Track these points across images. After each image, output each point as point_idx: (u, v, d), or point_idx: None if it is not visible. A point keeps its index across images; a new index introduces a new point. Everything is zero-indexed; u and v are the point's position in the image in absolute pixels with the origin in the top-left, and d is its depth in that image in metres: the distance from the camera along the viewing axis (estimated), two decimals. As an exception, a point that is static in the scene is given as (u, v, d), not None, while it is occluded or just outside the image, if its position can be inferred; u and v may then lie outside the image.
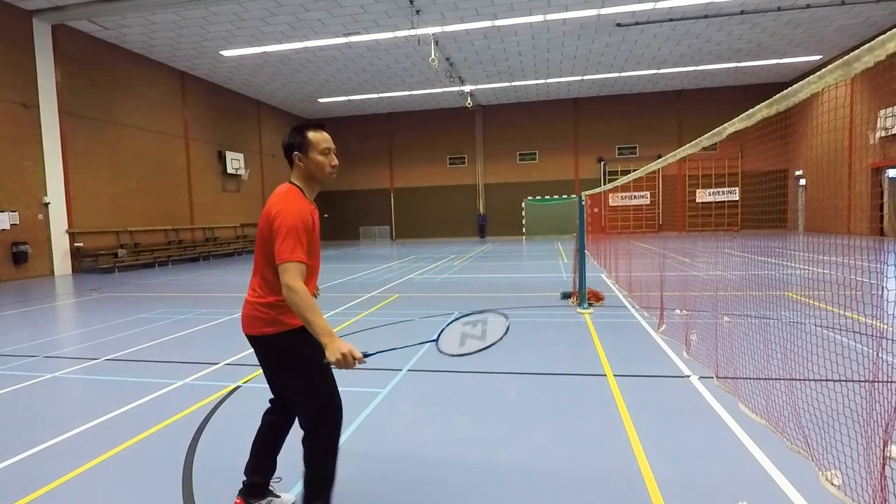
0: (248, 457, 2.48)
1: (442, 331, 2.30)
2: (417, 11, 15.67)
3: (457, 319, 2.37)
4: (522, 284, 10.63)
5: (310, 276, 2.26)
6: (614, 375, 4.45)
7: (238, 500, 2.46)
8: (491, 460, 3.01)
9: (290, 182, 2.29)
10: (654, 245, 19.26)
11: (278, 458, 2.52)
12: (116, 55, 17.57)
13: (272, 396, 2.51)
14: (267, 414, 2.52)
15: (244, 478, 2.47)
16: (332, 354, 1.93)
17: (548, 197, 29.64)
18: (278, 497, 2.53)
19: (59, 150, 15.33)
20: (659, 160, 5.06)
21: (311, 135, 2.24)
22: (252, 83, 23.21)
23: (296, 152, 2.25)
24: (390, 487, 2.75)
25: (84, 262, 15.86)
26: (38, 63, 14.75)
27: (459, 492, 2.68)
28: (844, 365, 3.30)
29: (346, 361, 1.92)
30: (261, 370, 2.42)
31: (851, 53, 1.64)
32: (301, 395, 2.27)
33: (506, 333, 2.30)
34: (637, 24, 17.49)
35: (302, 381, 2.25)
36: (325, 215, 31.63)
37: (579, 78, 24.32)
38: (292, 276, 2.02)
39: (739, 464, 2.84)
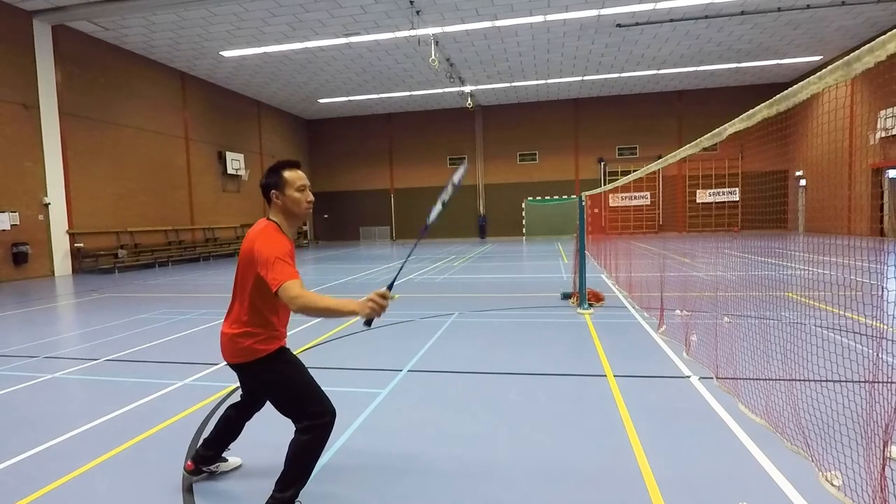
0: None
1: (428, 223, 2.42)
2: (418, 12, 15.68)
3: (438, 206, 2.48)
4: (523, 285, 10.63)
5: (284, 313, 2.44)
6: (614, 376, 4.45)
7: (189, 464, 2.75)
8: (491, 460, 3.01)
9: (268, 219, 2.42)
10: (654, 245, 19.26)
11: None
12: (117, 56, 17.58)
13: (242, 395, 2.72)
14: (232, 407, 2.75)
15: (198, 446, 2.79)
16: (363, 313, 2.03)
17: (548, 197, 29.64)
18: (226, 461, 2.87)
19: (60, 151, 15.34)
20: (659, 161, 5.06)
21: (287, 174, 2.41)
22: (252, 84, 23.23)
23: (273, 191, 2.40)
24: (391, 487, 2.74)
25: (84, 262, 15.86)
26: (38, 63, 14.76)
27: (459, 492, 2.68)
28: (844, 365, 3.30)
29: (376, 307, 2.02)
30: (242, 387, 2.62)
31: (852, 54, 1.64)
32: (294, 410, 2.39)
33: (461, 174, 2.52)
34: (637, 24, 17.50)
35: (291, 398, 2.39)
36: (325, 216, 31.67)
37: (579, 78, 24.33)
38: (293, 290, 2.09)
39: (739, 464, 2.84)
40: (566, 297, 8.42)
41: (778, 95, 2.21)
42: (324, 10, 15.46)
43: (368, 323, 2.08)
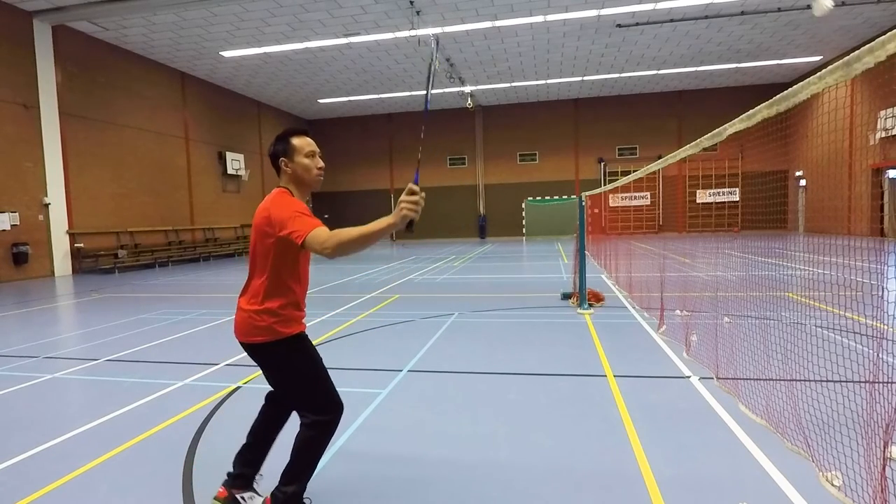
0: (246, 443, 2.54)
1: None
2: (418, 12, 15.69)
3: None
4: (523, 285, 10.63)
5: (299, 283, 2.31)
6: (614, 376, 4.45)
7: (222, 490, 2.48)
8: (491, 461, 3.01)
9: (279, 186, 2.35)
10: (654, 246, 19.25)
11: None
12: (117, 56, 17.58)
13: (271, 389, 2.55)
14: (265, 406, 2.57)
15: (231, 469, 2.51)
16: (401, 220, 1.94)
17: (548, 198, 29.64)
18: (259, 497, 2.51)
19: (60, 151, 15.34)
20: (659, 161, 5.06)
21: (295, 140, 2.34)
22: (252, 84, 23.23)
23: (282, 158, 2.32)
24: (390, 487, 2.74)
25: (84, 262, 15.86)
26: (38, 64, 14.76)
27: (459, 492, 2.68)
28: (845, 366, 3.30)
29: (411, 207, 1.94)
30: (261, 370, 2.44)
31: (852, 54, 1.64)
32: (299, 400, 2.34)
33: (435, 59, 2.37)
34: (637, 24, 17.50)
35: (298, 389, 2.32)
36: (326, 216, 31.65)
37: (579, 79, 24.33)
38: (322, 235, 1.99)
39: (740, 464, 2.84)
40: (566, 297, 8.42)
41: (778, 96, 2.21)
42: (324, 10, 15.47)
43: (410, 227, 1.96)
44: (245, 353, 2.35)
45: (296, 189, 2.34)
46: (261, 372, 2.42)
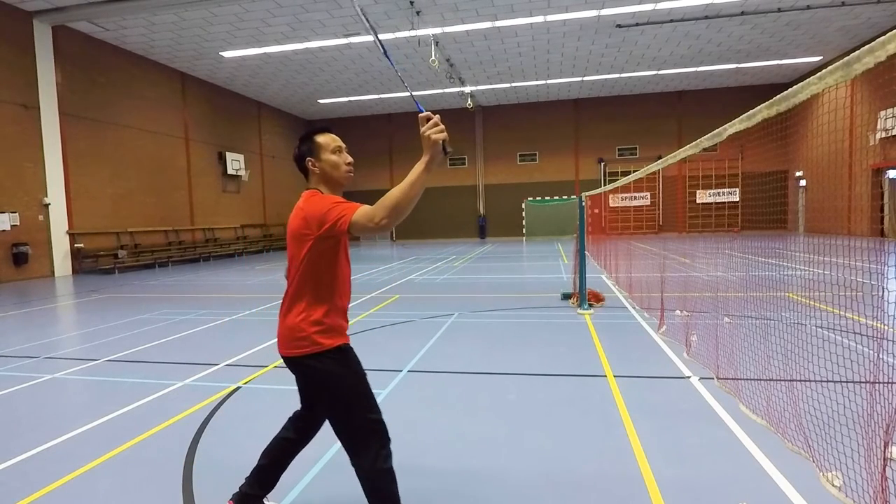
0: (253, 463, 2.42)
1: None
2: (418, 12, 15.69)
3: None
4: (523, 285, 10.62)
5: (342, 291, 2.19)
6: (614, 376, 4.45)
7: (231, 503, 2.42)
8: (491, 461, 3.01)
9: (309, 188, 2.23)
10: (654, 246, 19.25)
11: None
12: (117, 56, 17.59)
13: (299, 409, 2.42)
14: (287, 429, 2.43)
15: (243, 484, 2.41)
16: (433, 149, 1.86)
17: (548, 198, 29.64)
18: None
19: (60, 152, 15.35)
20: (659, 161, 5.06)
21: (320, 138, 2.23)
22: (252, 84, 23.23)
23: (308, 159, 2.21)
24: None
25: (84, 263, 15.86)
26: (38, 64, 14.77)
27: (459, 492, 2.67)
28: (845, 366, 3.30)
29: (436, 132, 1.85)
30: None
31: (852, 54, 1.64)
32: (339, 421, 2.16)
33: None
34: (637, 25, 17.50)
35: (340, 407, 2.14)
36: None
37: (579, 79, 24.33)
38: (369, 212, 1.87)
39: (740, 465, 2.84)
40: (566, 297, 8.42)
41: (778, 96, 2.21)
42: (324, 10, 15.47)
43: (446, 151, 1.89)
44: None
45: (326, 189, 2.22)
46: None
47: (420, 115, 1.90)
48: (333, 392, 2.13)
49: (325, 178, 2.22)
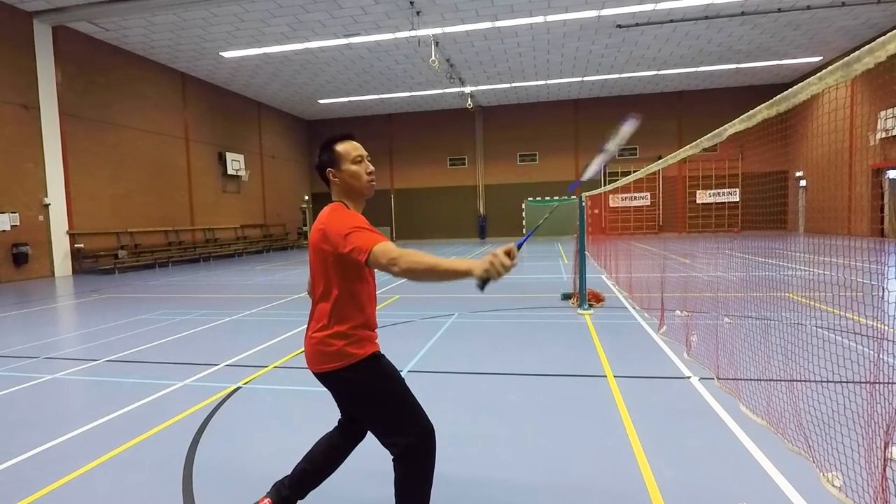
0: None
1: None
2: (418, 13, 15.69)
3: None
4: (523, 285, 10.62)
5: (368, 302, 2.12)
6: (615, 377, 4.44)
7: (267, 501, 2.32)
8: (491, 461, 3.01)
9: (334, 200, 2.17)
10: (654, 246, 19.25)
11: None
12: (117, 56, 17.59)
13: (341, 419, 2.37)
14: (333, 436, 2.36)
15: (281, 486, 2.32)
16: (480, 274, 1.68)
17: (548, 198, 29.64)
18: None
19: (60, 152, 15.35)
20: (659, 161, 5.06)
21: (340, 147, 2.16)
22: (252, 84, 23.24)
23: (328, 169, 2.14)
24: (389, 489, 2.74)
25: (84, 263, 15.86)
26: (38, 64, 14.76)
27: (459, 493, 2.67)
28: (845, 366, 3.30)
29: (500, 267, 1.67)
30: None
31: (852, 55, 1.64)
32: (380, 426, 2.11)
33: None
34: (637, 25, 17.50)
35: (378, 414, 2.10)
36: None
37: (580, 79, 24.33)
38: (391, 252, 1.77)
39: (740, 465, 2.84)
40: (566, 297, 8.42)
41: (778, 96, 2.21)
42: (324, 10, 15.47)
43: (483, 285, 1.71)
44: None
45: (349, 200, 2.14)
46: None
47: (512, 245, 1.76)
48: (369, 401, 2.08)
49: (346, 189, 2.14)
